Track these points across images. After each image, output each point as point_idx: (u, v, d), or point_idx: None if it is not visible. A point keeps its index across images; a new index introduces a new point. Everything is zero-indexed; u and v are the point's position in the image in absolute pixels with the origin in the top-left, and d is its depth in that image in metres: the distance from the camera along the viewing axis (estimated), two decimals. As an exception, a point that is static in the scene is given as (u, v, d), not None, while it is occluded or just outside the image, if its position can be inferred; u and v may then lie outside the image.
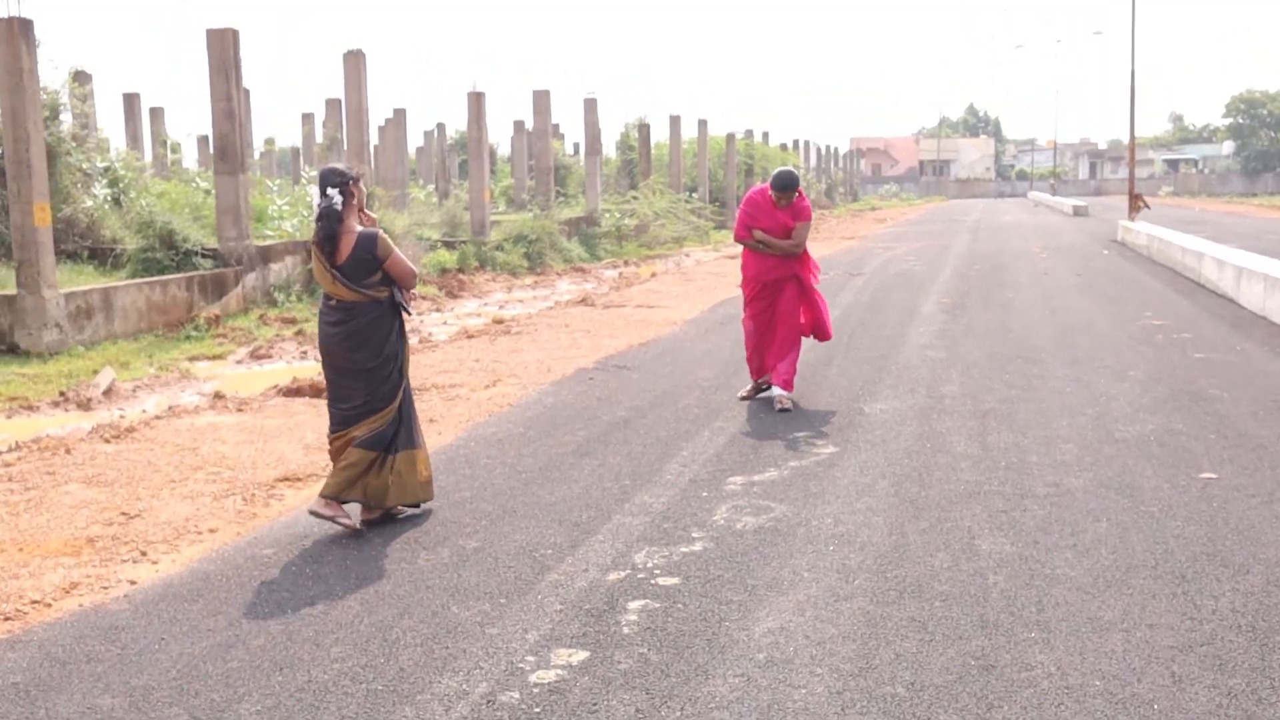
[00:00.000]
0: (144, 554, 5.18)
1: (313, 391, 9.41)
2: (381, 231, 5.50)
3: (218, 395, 9.80)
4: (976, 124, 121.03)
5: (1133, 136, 28.57)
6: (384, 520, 5.56)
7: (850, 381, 9.02)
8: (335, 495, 5.36)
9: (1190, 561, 4.70)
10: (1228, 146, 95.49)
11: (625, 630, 4.13)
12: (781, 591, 4.47)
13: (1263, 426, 7.08)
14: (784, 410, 7.91)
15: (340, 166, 5.47)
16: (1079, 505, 5.53)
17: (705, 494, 5.92)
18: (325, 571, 4.87)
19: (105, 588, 4.77)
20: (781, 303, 8.12)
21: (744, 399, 8.35)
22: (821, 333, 8.44)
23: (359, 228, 5.41)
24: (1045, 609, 4.21)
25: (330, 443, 5.56)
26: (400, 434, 5.50)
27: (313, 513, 5.37)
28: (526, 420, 7.89)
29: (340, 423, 5.49)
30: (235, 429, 7.86)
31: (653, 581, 4.61)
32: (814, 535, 5.17)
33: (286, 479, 6.49)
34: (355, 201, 5.43)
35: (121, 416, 9.53)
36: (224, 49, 16.35)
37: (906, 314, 13.43)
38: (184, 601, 4.57)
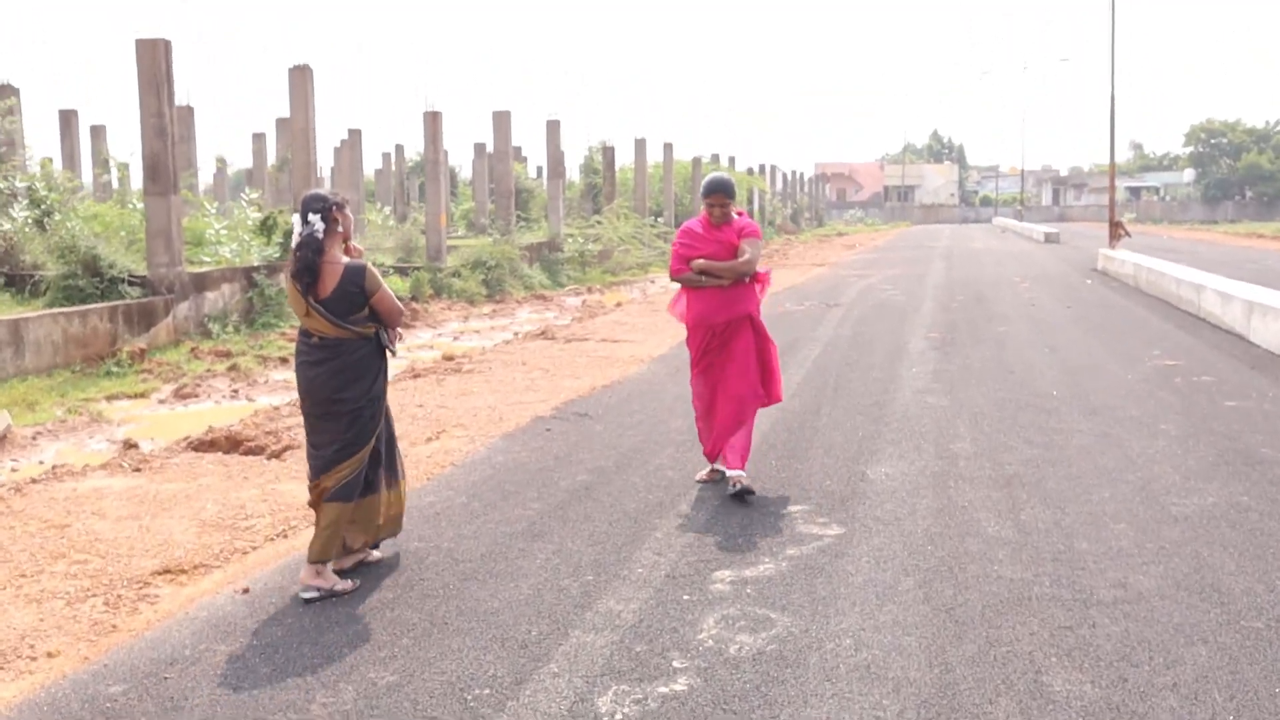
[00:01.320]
0: (-54, 698, 3.92)
1: (228, 445, 8.17)
2: (370, 264, 5.07)
3: (128, 444, 8.62)
4: (940, 150, 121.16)
5: (1113, 163, 27.82)
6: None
7: (845, 437, 7.86)
8: (323, 559, 4.92)
9: (1335, 714, 3.56)
10: (1188, 174, 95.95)
11: (585, 839, 2.94)
12: (799, 766, 3.28)
13: (1342, 500, 6.00)
14: (749, 494, 6.27)
15: (323, 192, 5.05)
16: (1161, 618, 4.39)
17: (686, 597, 4.73)
18: (182, 729, 3.63)
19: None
20: (735, 351, 6.47)
21: (703, 482, 6.69)
22: (771, 391, 6.67)
23: (344, 259, 5.01)
24: (1167, 802, 3.06)
25: (311, 491, 5.09)
26: (384, 469, 5.20)
27: (306, 596, 4.84)
28: (471, 486, 6.67)
29: (319, 470, 5.03)
30: (122, 497, 6.58)
31: (623, 747, 3.42)
32: (831, 666, 3.98)
33: (167, 571, 5.23)
34: (340, 230, 5.02)
35: (14, 470, 8.32)
36: (155, 61, 15.12)
37: (894, 351, 12.33)
38: (-25, 783, 3.32)
